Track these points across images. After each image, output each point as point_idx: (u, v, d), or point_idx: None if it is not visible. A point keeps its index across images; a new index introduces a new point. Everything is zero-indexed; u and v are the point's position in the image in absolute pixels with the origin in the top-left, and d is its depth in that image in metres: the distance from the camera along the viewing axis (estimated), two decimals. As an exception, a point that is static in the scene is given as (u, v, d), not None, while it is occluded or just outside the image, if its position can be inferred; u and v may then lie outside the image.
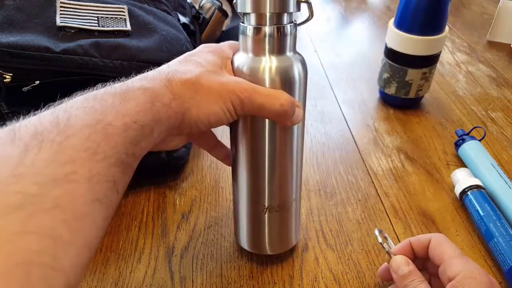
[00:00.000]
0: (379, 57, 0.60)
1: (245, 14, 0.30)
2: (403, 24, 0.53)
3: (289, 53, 0.30)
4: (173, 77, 0.26)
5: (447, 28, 0.53)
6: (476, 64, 0.72)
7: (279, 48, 0.30)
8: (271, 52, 0.30)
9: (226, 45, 0.32)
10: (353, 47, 0.79)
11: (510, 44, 0.76)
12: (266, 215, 0.35)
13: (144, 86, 0.24)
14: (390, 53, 0.56)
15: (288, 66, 0.30)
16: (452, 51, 0.77)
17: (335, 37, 0.83)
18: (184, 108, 0.26)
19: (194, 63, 0.28)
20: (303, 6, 0.30)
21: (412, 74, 0.55)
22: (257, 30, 0.29)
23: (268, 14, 0.29)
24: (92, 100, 0.22)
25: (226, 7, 0.68)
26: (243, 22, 0.30)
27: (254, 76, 0.29)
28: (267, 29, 0.29)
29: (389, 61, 0.56)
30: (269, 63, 0.29)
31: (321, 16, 0.92)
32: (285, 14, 0.29)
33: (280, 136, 0.32)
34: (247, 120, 0.31)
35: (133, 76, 0.26)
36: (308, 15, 0.31)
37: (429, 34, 0.52)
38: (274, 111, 0.28)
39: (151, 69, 0.27)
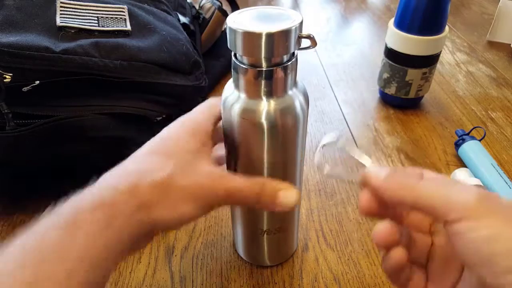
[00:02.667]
0: (379, 57, 0.60)
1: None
2: (403, 24, 0.53)
3: (290, 92, 0.26)
4: (140, 180, 0.22)
5: (447, 28, 0.53)
6: (476, 64, 0.72)
7: (278, 91, 0.26)
8: (269, 95, 0.26)
9: (206, 112, 0.27)
10: (353, 47, 0.79)
11: (510, 44, 0.76)
12: (265, 236, 0.34)
13: (103, 201, 0.21)
14: (390, 53, 0.55)
15: (289, 106, 0.26)
16: (452, 51, 0.77)
17: (335, 37, 0.83)
18: (153, 216, 0.23)
19: (166, 155, 0.24)
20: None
21: (412, 74, 0.55)
22: (252, 72, 0.25)
23: (264, 58, 0.24)
24: (30, 246, 0.19)
25: (226, 7, 0.68)
26: (235, 56, 0.26)
27: (248, 120, 0.26)
28: (264, 72, 0.24)
29: (389, 61, 0.56)
30: (267, 107, 0.25)
31: (321, 16, 0.92)
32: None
33: (281, 168, 0.29)
34: (241, 147, 0.28)
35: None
36: (310, 44, 0.26)
37: (429, 34, 0.52)
38: (255, 206, 0.26)
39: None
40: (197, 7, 0.66)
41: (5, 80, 0.36)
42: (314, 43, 0.25)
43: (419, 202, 0.21)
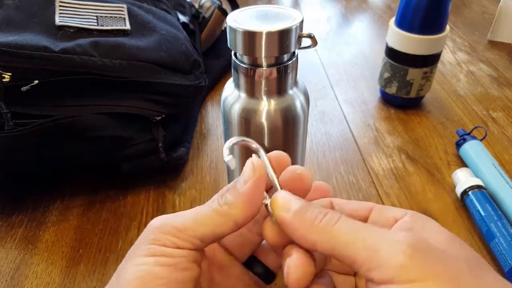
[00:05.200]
0: (380, 57, 0.59)
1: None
2: (404, 23, 0.53)
3: (290, 91, 0.26)
4: None
5: (448, 27, 0.53)
6: (477, 64, 0.72)
7: (279, 90, 0.25)
8: (270, 94, 0.25)
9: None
10: (353, 46, 0.79)
11: (511, 44, 0.76)
12: None
13: None
14: (391, 53, 0.55)
15: (289, 106, 0.26)
16: (453, 51, 0.77)
17: (335, 36, 0.83)
18: None
19: None
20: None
21: (413, 74, 0.55)
22: (252, 71, 0.25)
23: (264, 58, 0.24)
24: None
25: (226, 6, 0.67)
26: (235, 55, 0.26)
27: (248, 120, 0.26)
28: (264, 72, 0.24)
29: (390, 61, 0.56)
30: (267, 106, 0.25)
31: (321, 15, 0.92)
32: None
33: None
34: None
35: None
36: (310, 43, 0.26)
37: (430, 33, 0.52)
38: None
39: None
40: (196, 6, 0.66)
41: (4, 80, 0.36)
42: (314, 43, 0.25)
43: (336, 251, 0.18)
